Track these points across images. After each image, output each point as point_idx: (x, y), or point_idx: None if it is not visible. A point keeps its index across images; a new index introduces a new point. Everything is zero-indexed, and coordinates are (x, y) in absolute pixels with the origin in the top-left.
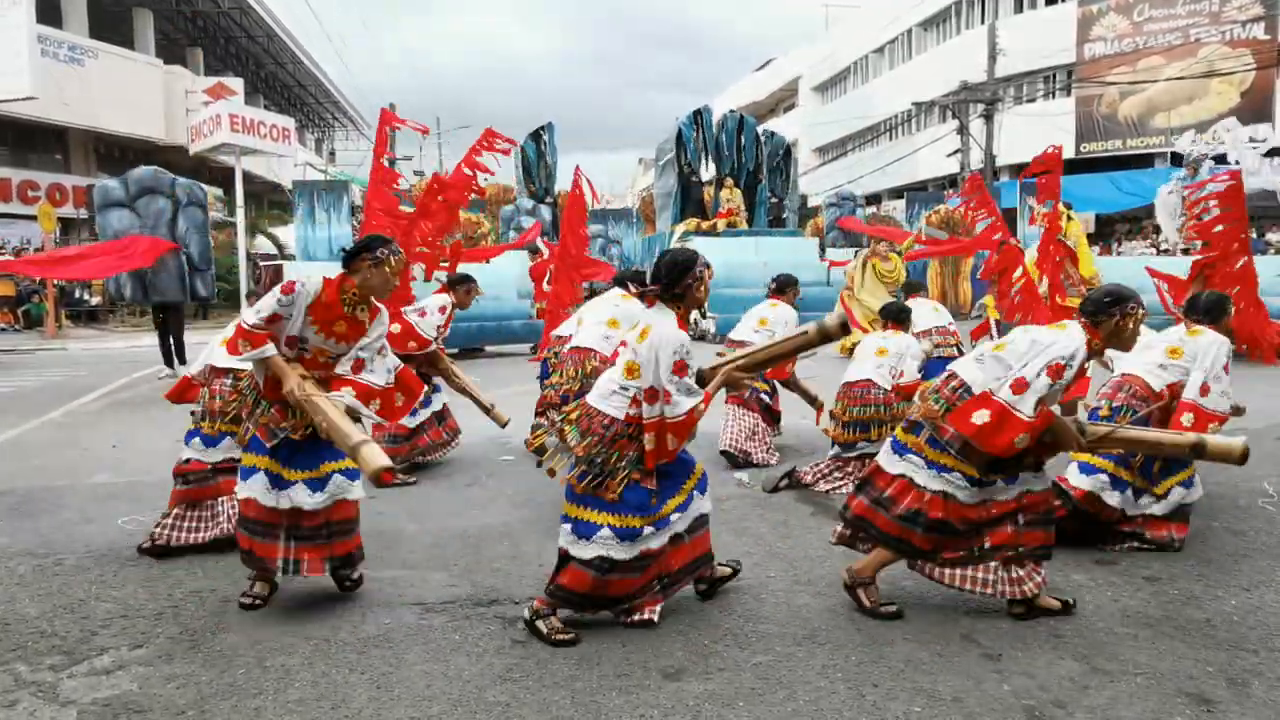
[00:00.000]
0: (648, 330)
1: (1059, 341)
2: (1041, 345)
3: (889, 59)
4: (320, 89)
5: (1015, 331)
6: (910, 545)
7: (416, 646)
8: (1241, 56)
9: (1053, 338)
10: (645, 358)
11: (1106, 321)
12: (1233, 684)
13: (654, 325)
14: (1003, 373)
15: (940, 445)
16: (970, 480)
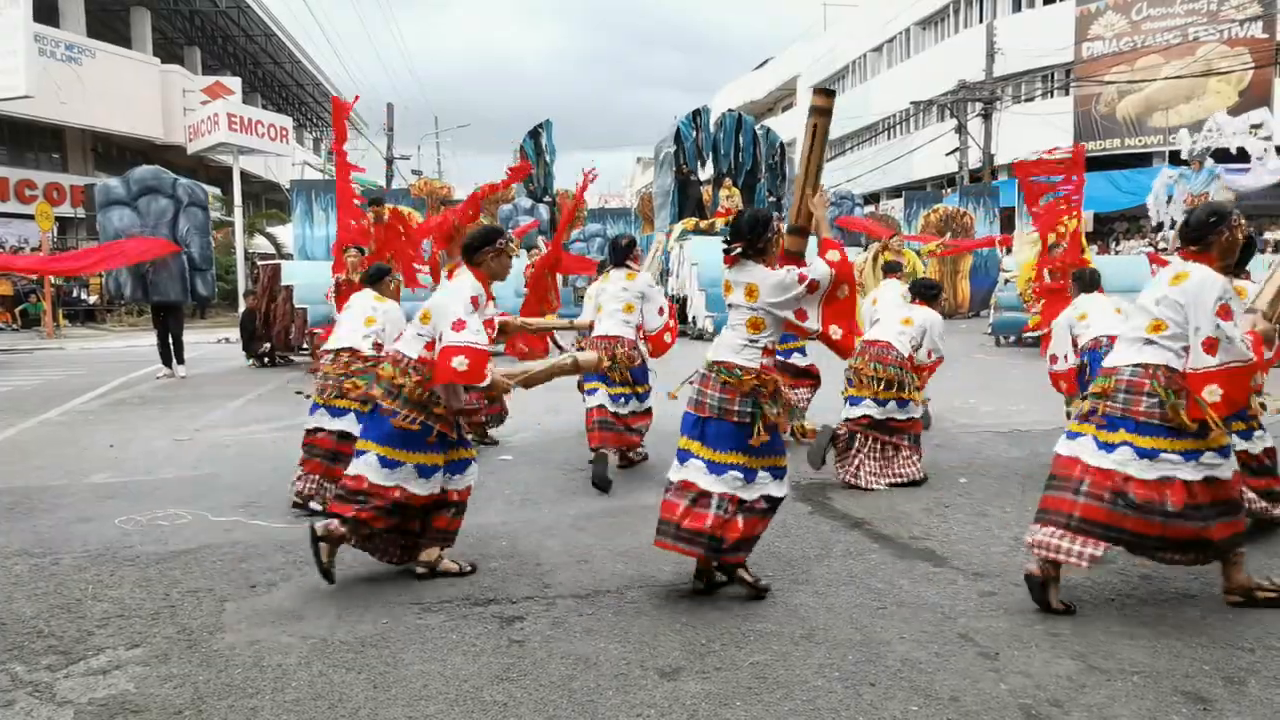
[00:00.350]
0: (754, 287)
1: (1195, 285)
2: (1189, 298)
3: (887, 58)
4: (318, 88)
5: (1130, 308)
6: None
7: (414, 646)
8: (1239, 55)
9: (1188, 287)
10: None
11: (1217, 240)
12: (1229, 682)
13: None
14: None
15: (1160, 431)
16: (1223, 451)
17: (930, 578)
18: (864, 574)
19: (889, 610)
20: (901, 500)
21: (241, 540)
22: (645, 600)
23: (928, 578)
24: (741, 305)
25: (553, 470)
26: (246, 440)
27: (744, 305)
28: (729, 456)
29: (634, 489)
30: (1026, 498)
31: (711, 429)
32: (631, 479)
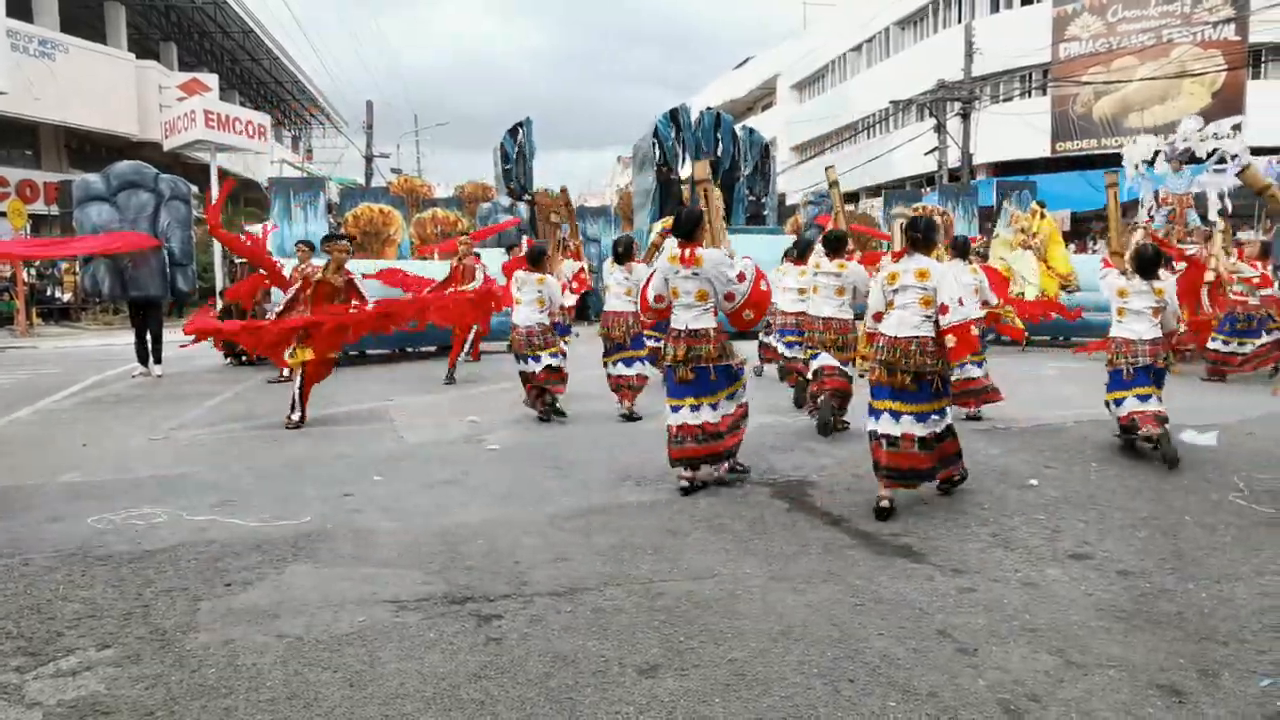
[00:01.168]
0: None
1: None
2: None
3: (867, 57)
4: (296, 86)
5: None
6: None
7: (390, 644)
8: (1213, 57)
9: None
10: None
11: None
12: (1204, 675)
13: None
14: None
15: None
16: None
17: (908, 574)
18: (842, 571)
19: (867, 607)
20: None
21: (217, 539)
22: (624, 598)
23: (906, 574)
24: (914, 285)
25: (531, 468)
26: (224, 439)
27: (916, 285)
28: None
29: (610, 488)
30: (1003, 494)
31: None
32: (609, 478)
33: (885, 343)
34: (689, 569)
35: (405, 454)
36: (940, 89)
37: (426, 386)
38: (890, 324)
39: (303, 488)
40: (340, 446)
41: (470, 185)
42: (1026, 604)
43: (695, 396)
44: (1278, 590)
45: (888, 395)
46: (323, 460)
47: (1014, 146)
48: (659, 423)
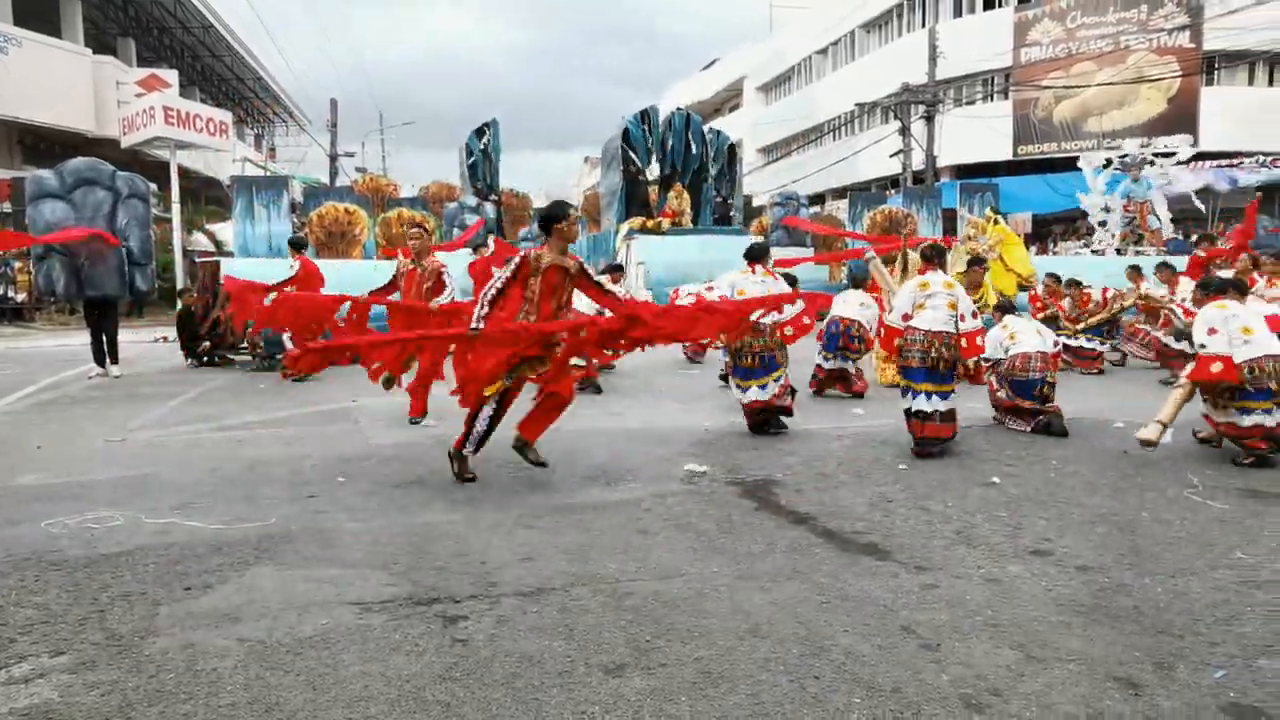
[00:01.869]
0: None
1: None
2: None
3: (832, 60)
4: (259, 83)
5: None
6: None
7: (354, 647)
8: (1168, 64)
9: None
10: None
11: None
12: (1159, 668)
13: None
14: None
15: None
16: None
17: (873, 571)
18: (808, 569)
19: (833, 604)
20: (845, 495)
21: (177, 542)
22: (590, 597)
23: (870, 571)
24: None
25: (499, 468)
26: (184, 440)
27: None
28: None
29: (578, 487)
30: (966, 491)
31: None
32: (578, 478)
33: (923, 335)
34: (656, 568)
35: (371, 454)
36: (904, 92)
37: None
38: (925, 320)
39: (266, 489)
40: (305, 447)
41: (435, 185)
42: (989, 600)
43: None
44: (1230, 584)
45: (924, 378)
46: (287, 461)
47: (977, 149)
48: (626, 422)
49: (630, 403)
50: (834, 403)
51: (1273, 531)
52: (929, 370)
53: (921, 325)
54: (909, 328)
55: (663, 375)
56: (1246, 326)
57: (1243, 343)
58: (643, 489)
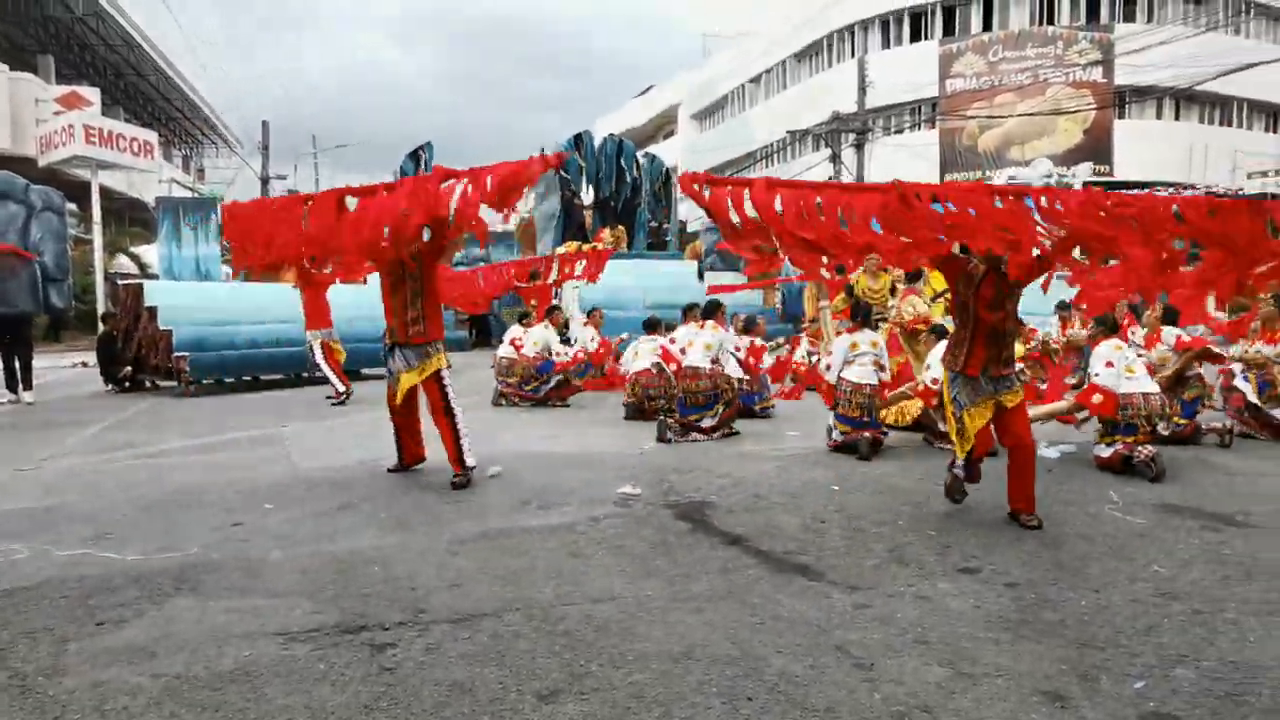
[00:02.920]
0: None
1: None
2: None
3: (764, 89)
4: (187, 103)
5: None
6: None
7: (277, 679)
8: (1083, 97)
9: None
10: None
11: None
12: (1083, 680)
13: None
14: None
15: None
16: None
17: (806, 592)
18: (742, 590)
19: (766, 625)
20: (779, 516)
21: (89, 575)
22: (523, 623)
23: (804, 592)
24: (869, 351)
25: (430, 493)
26: (102, 469)
27: (870, 352)
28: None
29: (511, 511)
30: (897, 511)
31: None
32: (510, 502)
33: (851, 387)
34: (590, 592)
35: (298, 480)
36: (835, 120)
37: (321, 412)
38: (853, 374)
39: (188, 518)
40: (230, 474)
41: None
42: (919, 618)
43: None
44: (1148, 596)
45: (852, 425)
46: (211, 488)
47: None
48: (560, 446)
49: (563, 426)
50: (768, 424)
51: (1186, 544)
52: (854, 420)
53: (850, 377)
54: (841, 379)
55: (595, 401)
56: (1130, 367)
57: (1126, 379)
58: (576, 512)
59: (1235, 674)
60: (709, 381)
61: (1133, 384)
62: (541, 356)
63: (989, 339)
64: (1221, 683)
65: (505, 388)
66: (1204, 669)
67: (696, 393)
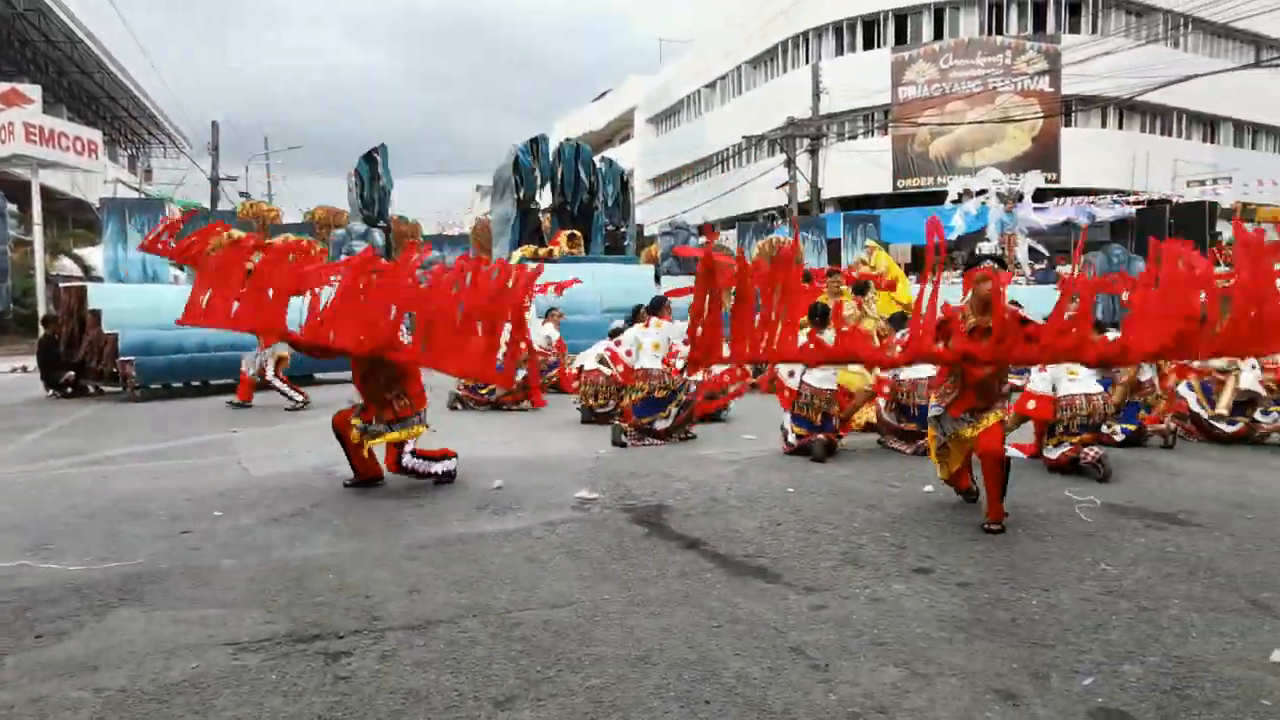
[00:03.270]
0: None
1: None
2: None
3: (720, 94)
4: (134, 102)
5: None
6: None
7: (227, 690)
8: (1031, 105)
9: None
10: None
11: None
12: (1035, 678)
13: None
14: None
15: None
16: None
17: (763, 594)
18: (700, 593)
19: (724, 628)
20: (735, 519)
21: (28, 586)
22: (480, 629)
23: (761, 594)
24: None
25: (385, 499)
26: (42, 477)
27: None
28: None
29: (467, 517)
30: (851, 513)
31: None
32: (466, 507)
33: (811, 392)
34: (547, 597)
35: (249, 487)
36: (790, 126)
37: (274, 417)
38: (814, 378)
39: (134, 526)
40: (179, 481)
41: (322, 210)
42: (875, 619)
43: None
44: (1096, 595)
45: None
46: (158, 496)
47: (859, 182)
48: (515, 451)
49: (519, 432)
50: (724, 427)
51: (1132, 543)
52: (812, 422)
53: (811, 381)
54: (803, 382)
55: (550, 404)
56: (1072, 369)
57: (1067, 381)
58: (533, 517)
59: (1179, 669)
60: (659, 381)
61: (1075, 385)
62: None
63: (978, 390)
64: (1166, 677)
65: (462, 390)
66: (1149, 664)
67: (649, 393)
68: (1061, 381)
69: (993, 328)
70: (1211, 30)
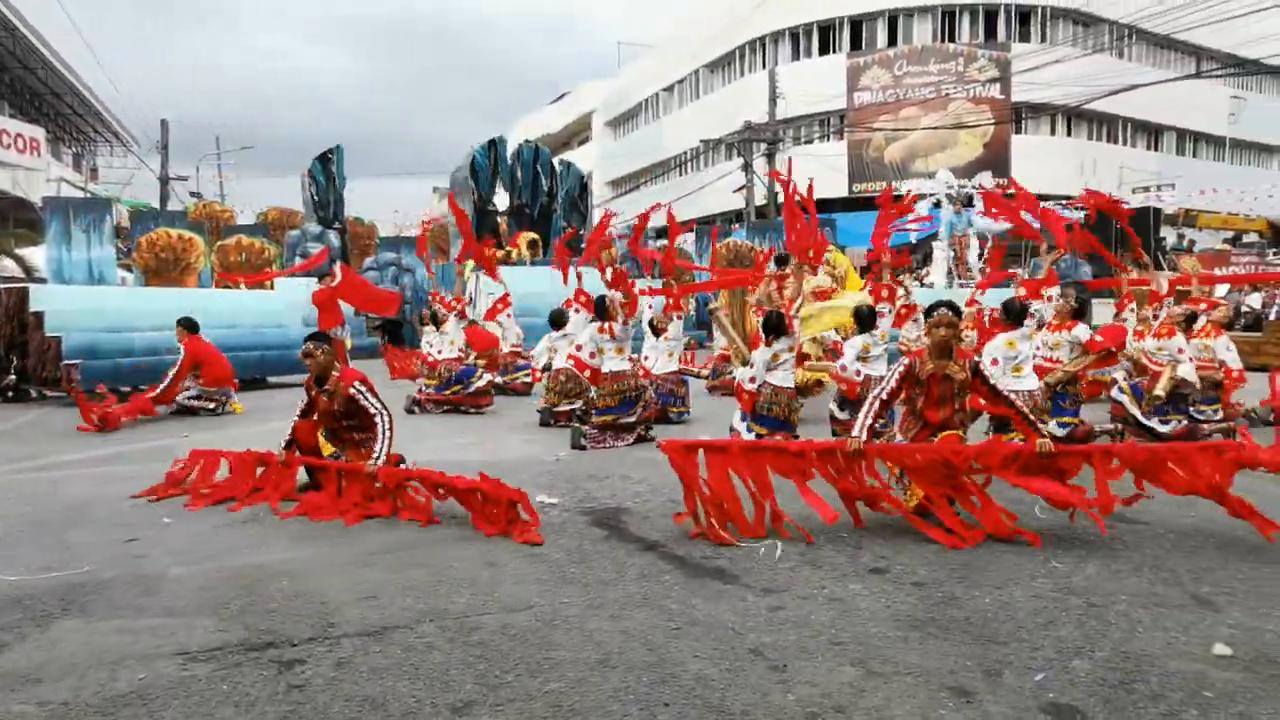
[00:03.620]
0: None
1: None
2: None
3: (678, 98)
4: (79, 99)
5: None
6: None
7: (176, 701)
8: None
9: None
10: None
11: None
12: (988, 675)
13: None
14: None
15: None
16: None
17: (722, 595)
18: (659, 596)
19: (683, 630)
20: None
21: None
22: (437, 634)
23: (719, 595)
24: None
25: None
26: None
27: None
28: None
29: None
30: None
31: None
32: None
33: (772, 390)
34: (505, 601)
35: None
36: (747, 130)
37: (225, 421)
38: (777, 378)
39: (80, 534)
40: (125, 487)
41: (276, 211)
42: (832, 619)
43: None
44: (1048, 591)
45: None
46: (105, 502)
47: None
48: (473, 454)
49: (477, 435)
50: (683, 430)
51: (1083, 540)
52: (779, 421)
53: (773, 381)
54: (765, 383)
55: (509, 408)
56: (1019, 367)
57: (1013, 378)
58: None
59: (1127, 663)
60: (630, 382)
61: (1018, 382)
62: (460, 359)
63: (938, 428)
64: (1114, 672)
65: (421, 394)
66: (1098, 660)
67: (621, 393)
68: (1006, 378)
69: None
70: (1155, 41)
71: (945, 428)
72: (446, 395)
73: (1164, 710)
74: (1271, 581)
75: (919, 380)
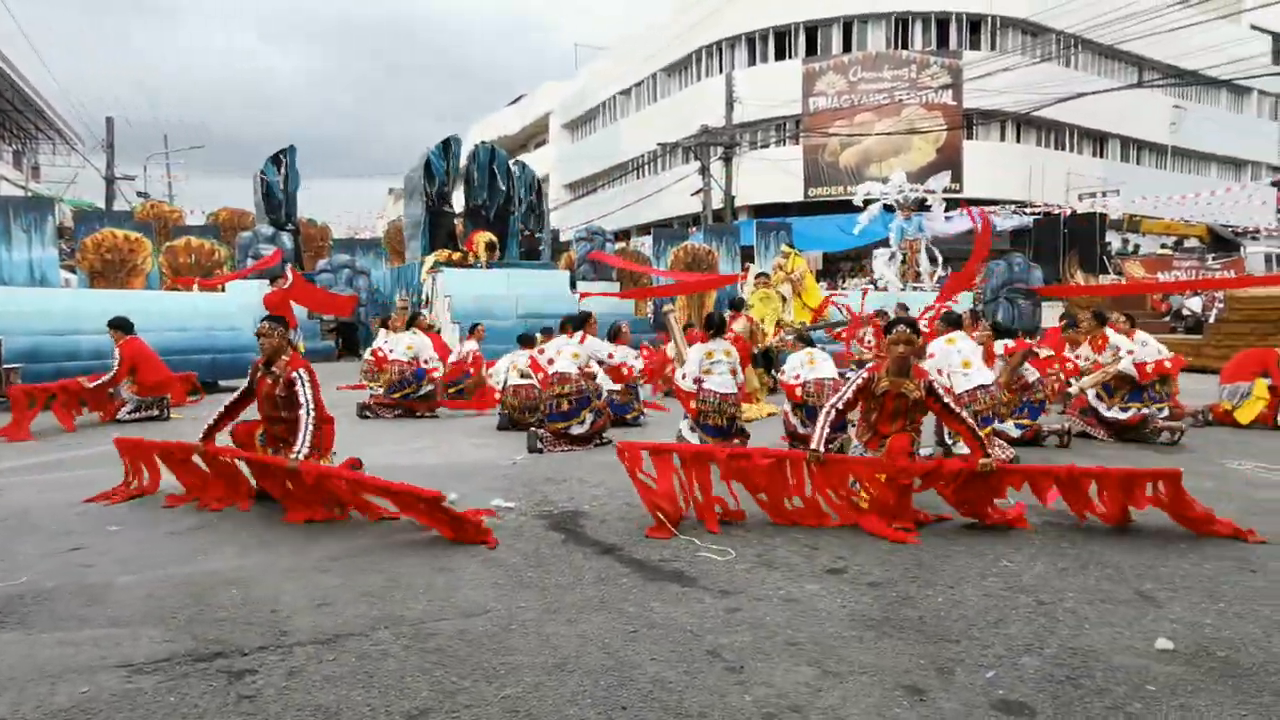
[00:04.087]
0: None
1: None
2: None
3: (635, 101)
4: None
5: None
6: None
7: (120, 715)
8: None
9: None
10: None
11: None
12: (940, 672)
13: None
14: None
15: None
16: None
17: (679, 598)
18: (616, 599)
19: (640, 633)
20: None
21: None
22: (392, 641)
23: (677, 598)
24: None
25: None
26: None
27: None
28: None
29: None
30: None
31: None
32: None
33: (716, 397)
34: (461, 606)
35: (148, 499)
36: (704, 134)
37: (180, 427)
38: (714, 383)
39: (20, 544)
40: (70, 494)
41: (227, 212)
42: (788, 620)
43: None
44: (998, 590)
45: (716, 435)
46: (48, 510)
47: (772, 190)
48: (428, 459)
49: (431, 439)
50: (640, 433)
51: (1031, 540)
52: (720, 429)
53: (712, 388)
54: (701, 389)
55: (465, 413)
56: (967, 360)
57: (962, 376)
58: None
59: (1074, 659)
60: (575, 386)
61: (968, 380)
62: (415, 362)
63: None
64: (1062, 668)
65: (372, 398)
66: (1047, 656)
67: (564, 397)
68: (956, 376)
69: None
70: (1100, 51)
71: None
72: (396, 399)
73: (1109, 704)
74: (1211, 577)
75: (874, 394)
